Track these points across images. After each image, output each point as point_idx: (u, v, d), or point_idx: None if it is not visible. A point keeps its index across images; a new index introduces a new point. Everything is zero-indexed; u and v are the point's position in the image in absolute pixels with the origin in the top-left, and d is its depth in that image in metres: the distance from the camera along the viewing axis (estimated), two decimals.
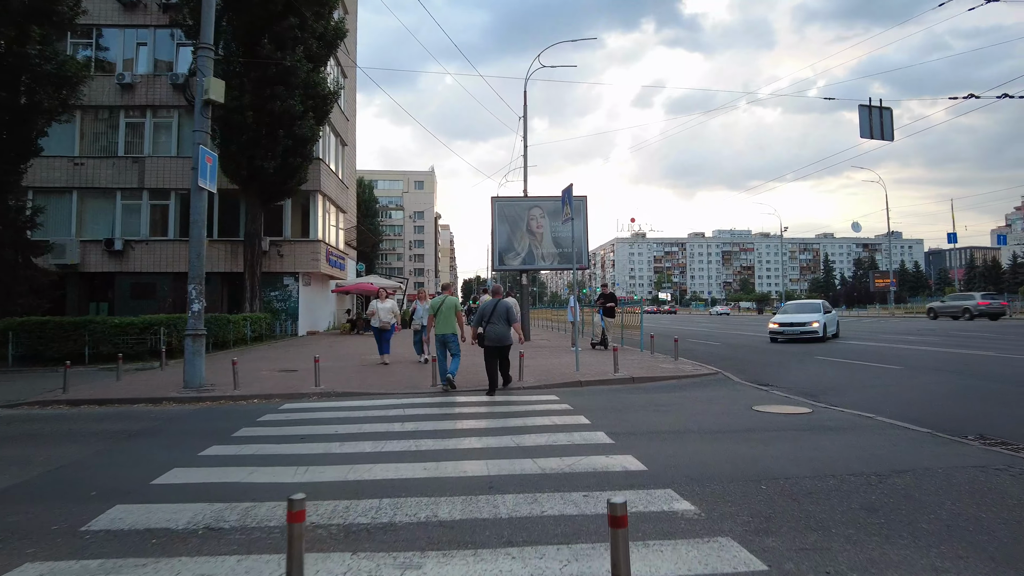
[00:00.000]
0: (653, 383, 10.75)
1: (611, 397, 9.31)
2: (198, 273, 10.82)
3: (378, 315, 13.71)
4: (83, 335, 14.27)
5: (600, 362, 13.36)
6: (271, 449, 6.14)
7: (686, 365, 12.75)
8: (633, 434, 6.55)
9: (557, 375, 11.28)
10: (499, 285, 14.67)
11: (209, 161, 10.92)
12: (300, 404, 9.14)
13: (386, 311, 13.82)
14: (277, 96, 21.53)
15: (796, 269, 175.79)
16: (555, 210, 21.42)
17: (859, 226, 54.04)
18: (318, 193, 26.98)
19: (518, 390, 9.97)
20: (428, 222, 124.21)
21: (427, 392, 9.83)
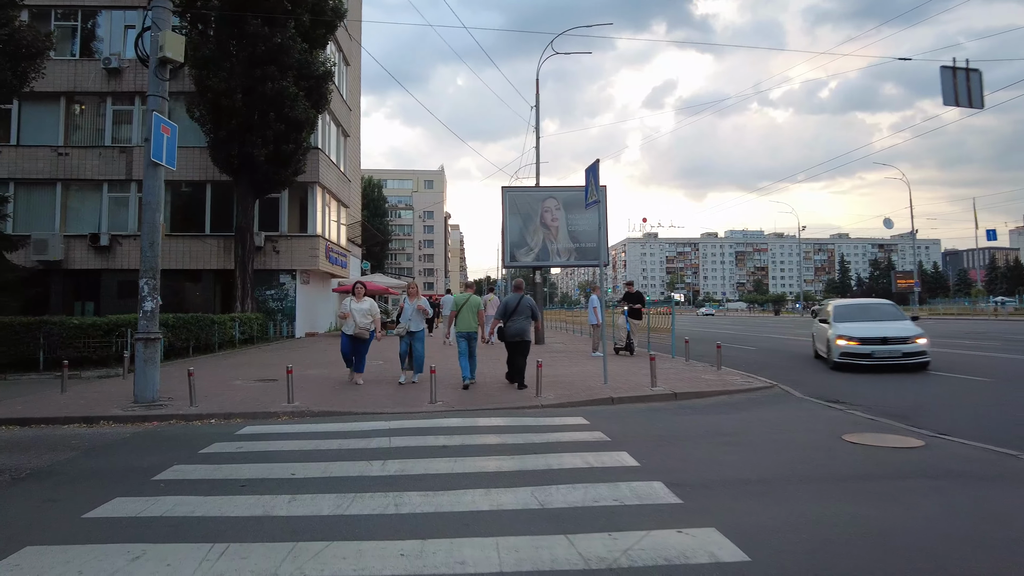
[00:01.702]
0: (701, 400, 8.85)
1: (654, 421, 7.41)
2: (151, 266, 9.04)
3: (352, 318, 10.15)
4: (37, 337, 12.54)
5: (629, 371, 11.46)
6: (190, 507, 4.29)
7: (732, 376, 10.83)
8: (705, 486, 4.66)
9: (582, 389, 9.39)
10: (521, 280, 12.36)
11: (166, 132, 9.14)
12: (262, 427, 7.30)
13: (362, 313, 10.25)
14: (268, 77, 19.81)
15: (811, 270, 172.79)
16: (572, 201, 19.56)
17: (891, 222, 51.51)
18: (316, 185, 25.21)
19: (536, 410, 8.10)
20: (438, 222, 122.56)
21: (423, 412, 7.97)
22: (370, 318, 10.40)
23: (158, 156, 8.95)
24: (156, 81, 9.19)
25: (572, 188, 20.25)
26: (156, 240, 9.08)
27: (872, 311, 13.66)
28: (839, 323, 12.78)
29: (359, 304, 10.39)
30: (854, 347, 11.95)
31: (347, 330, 10.34)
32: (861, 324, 12.49)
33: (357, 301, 10.41)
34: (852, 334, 12.11)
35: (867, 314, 13.29)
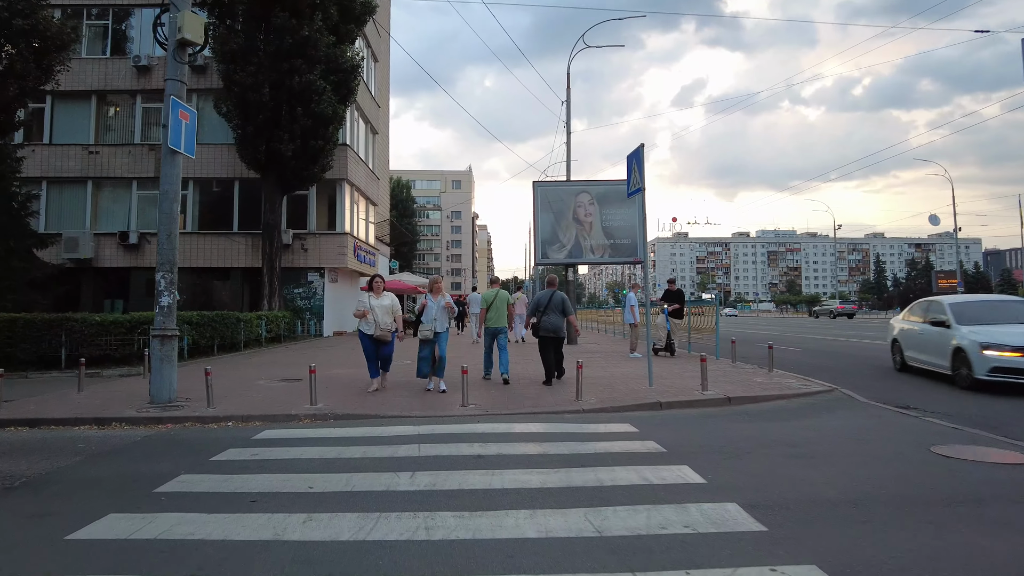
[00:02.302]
0: (756, 405, 8.08)
1: (711, 429, 6.68)
2: (169, 258, 8.57)
3: (373, 316, 8.75)
4: (59, 335, 12.24)
5: (674, 374, 10.71)
6: (190, 527, 3.72)
7: (787, 379, 10.01)
8: (786, 508, 3.94)
9: (624, 392, 8.68)
10: (555, 276, 11.83)
11: (184, 118, 8.65)
12: (282, 431, 6.75)
13: (383, 310, 8.85)
14: (295, 70, 19.46)
15: (844, 270, 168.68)
16: (607, 195, 18.83)
17: (937, 219, 49.37)
18: (345, 182, 24.85)
19: (578, 414, 7.42)
20: (465, 222, 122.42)
21: (454, 416, 7.34)
22: (392, 316, 8.97)
23: (176, 143, 8.48)
24: (175, 64, 8.72)
25: (607, 182, 19.52)
26: (174, 231, 8.61)
27: (1005, 310, 10.16)
28: (968, 326, 9.47)
29: (379, 301, 8.90)
30: (1017, 360, 8.55)
31: (366, 330, 8.82)
32: (1005, 328, 9.16)
33: (376, 297, 8.92)
34: (1008, 342, 8.70)
35: (1001, 314, 9.91)
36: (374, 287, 9.08)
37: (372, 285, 9.13)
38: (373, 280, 9.21)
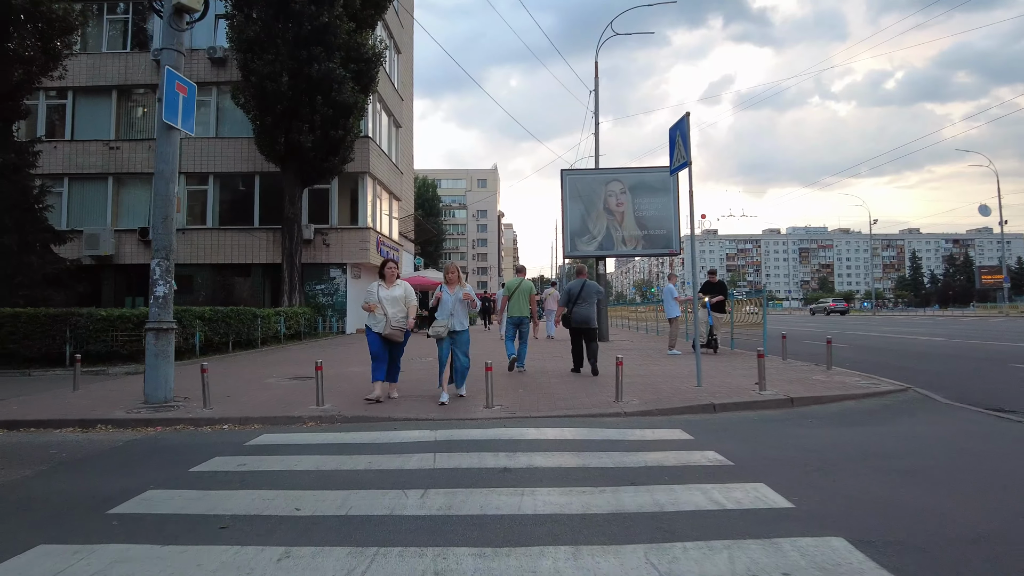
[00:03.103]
0: (822, 407, 7.03)
1: (779, 435, 5.66)
2: (164, 244, 7.83)
3: (383, 309, 7.29)
4: (64, 330, 11.62)
5: (720, 371, 9.67)
6: (128, 567, 2.86)
7: (849, 377, 8.89)
8: (916, 547, 2.95)
9: (670, 392, 7.68)
10: (584, 265, 11.32)
11: (182, 91, 7.91)
12: (281, 436, 5.91)
13: (393, 302, 7.36)
14: (314, 58, 18.78)
15: (879, 267, 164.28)
16: (640, 183, 17.77)
17: (988, 209, 46.47)
18: (367, 175, 24.15)
19: (620, 418, 6.45)
20: (491, 220, 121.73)
21: (477, 419, 6.43)
22: (404, 310, 7.45)
23: (171, 117, 7.74)
24: (170, 32, 7.98)
25: (639, 169, 18.44)
26: (170, 215, 7.88)
27: None
28: None
29: (389, 291, 7.42)
30: None
31: (375, 326, 7.35)
32: None
33: (387, 287, 7.47)
34: None
35: None
36: (385, 275, 7.59)
37: (383, 272, 7.64)
38: (384, 267, 7.66)
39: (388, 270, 7.65)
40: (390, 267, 7.68)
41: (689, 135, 8.15)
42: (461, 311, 7.42)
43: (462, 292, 7.36)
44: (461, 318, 7.44)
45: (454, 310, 7.34)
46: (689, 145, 8.13)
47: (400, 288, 7.59)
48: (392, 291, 7.50)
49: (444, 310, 7.36)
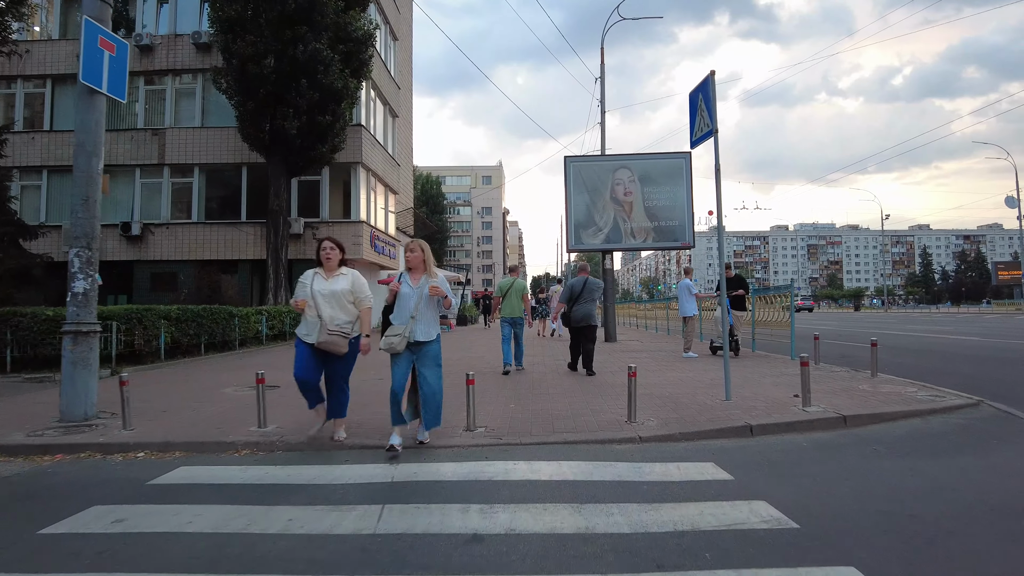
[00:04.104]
0: (882, 426, 5.68)
1: (845, 473, 4.29)
2: (85, 231, 6.57)
3: (316, 309, 5.10)
4: (4, 332, 10.37)
5: (747, 379, 8.30)
6: None
7: (902, 387, 7.51)
8: None
9: (694, 408, 6.34)
10: (586, 263, 11.22)
11: (108, 48, 6.61)
12: (196, 473, 4.59)
13: (333, 300, 5.17)
14: (300, 39, 17.46)
15: (888, 263, 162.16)
16: (650, 171, 16.43)
17: (1015, 201, 44.65)
18: (360, 166, 22.83)
19: (634, 444, 5.11)
20: (496, 218, 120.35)
21: (453, 446, 5.11)
22: (349, 311, 5.20)
23: (92, 79, 6.45)
24: None
25: (649, 155, 17.11)
26: (93, 196, 6.61)
27: None
28: None
29: (329, 283, 5.17)
30: None
31: (305, 335, 5.12)
32: None
33: (326, 277, 5.23)
34: None
35: None
36: (323, 260, 5.27)
37: (320, 256, 5.27)
38: (321, 247, 5.28)
39: (324, 253, 5.25)
40: (327, 249, 5.25)
41: (714, 98, 6.81)
42: (428, 312, 5.01)
43: (429, 285, 4.96)
44: (427, 322, 5.00)
45: (417, 310, 4.94)
46: (714, 110, 6.79)
47: (345, 279, 5.23)
48: (332, 283, 5.16)
49: (403, 310, 4.99)
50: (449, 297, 5.02)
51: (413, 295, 4.99)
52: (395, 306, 5.09)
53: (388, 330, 4.97)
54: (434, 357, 5.02)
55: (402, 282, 5.08)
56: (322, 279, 5.23)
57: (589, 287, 9.43)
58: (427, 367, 4.96)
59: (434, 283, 4.99)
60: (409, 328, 4.90)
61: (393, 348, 4.87)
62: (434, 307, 5.07)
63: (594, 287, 9.55)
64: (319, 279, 5.23)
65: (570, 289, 9.55)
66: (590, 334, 9.38)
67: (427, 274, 5.08)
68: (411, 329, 4.90)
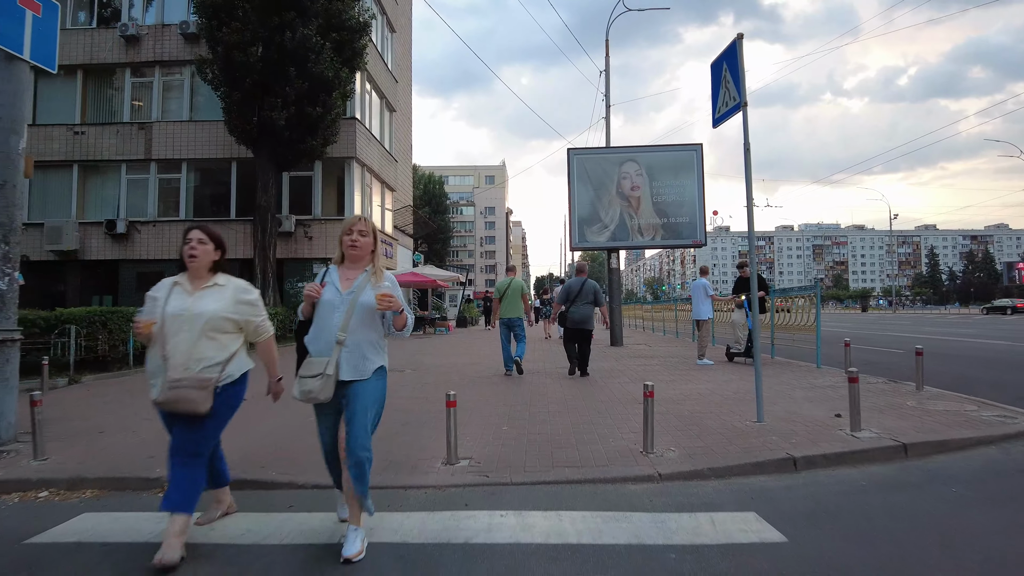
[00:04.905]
0: (950, 457, 4.68)
1: (926, 531, 3.29)
2: (2, 220, 5.58)
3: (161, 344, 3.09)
4: None
5: (777, 393, 7.26)
6: None
7: (957, 403, 6.50)
8: None
9: (721, 433, 5.31)
10: (584, 263, 10.79)
11: (31, 8, 5.63)
12: (97, 522, 3.61)
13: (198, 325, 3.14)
14: (288, 25, 16.51)
15: (894, 263, 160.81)
16: (658, 164, 15.44)
17: None
18: (353, 160, 21.86)
19: (653, 484, 4.10)
20: (499, 218, 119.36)
21: (430, 486, 4.11)
22: (222, 345, 3.23)
23: (10, 42, 5.47)
24: None
25: (658, 148, 16.13)
26: (12, 181, 5.62)
27: None
28: None
29: (195, 300, 3.20)
30: None
31: (153, 385, 3.13)
32: None
33: (191, 290, 3.23)
34: None
35: None
36: (186, 261, 3.25)
37: (185, 254, 3.24)
38: (187, 239, 3.25)
39: (188, 249, 3.23)
40: (191, 243, 3.23)
41: (742, 67, 5.82)
42: (365, 333, 3.21)
43: (375, 291, 3.18)
44: (363, 350, 3.20)
45: (347, 330, 3.14)
46: (742, 81, 5.79)
47: (221, 295, 3.26)
48: (198, 300, 3.20)
49: (324, 329, 3.18)
50: (405, 312, 3.25)
51: (342, 305, 3.14)
52: (312, 323, 3.22)
53: (303, 365, 3.13)
54: (373, 401, 3.18)
55: (327, 283, 3.23)
56: (183, 293, 3.20)
57: (587, 288, 9.26)
58: (355, 415, 3.10)
59: (382, 288, 3.17)
60: (334, 360, 3.07)
61: (313, 397, 3.06)
62: (376, 325, 3.25)
63: (592, 289, 9.34)
64: (179, 293, 3.20)
65: (567, 290, 9.45)
66: (587, 336, 9.27)
67: (370, 273, 3.25)
68: (337, 361, 3.08)
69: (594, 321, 9.51)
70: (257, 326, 3.39)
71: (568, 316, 9.27)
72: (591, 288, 9.33)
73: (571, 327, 9.29)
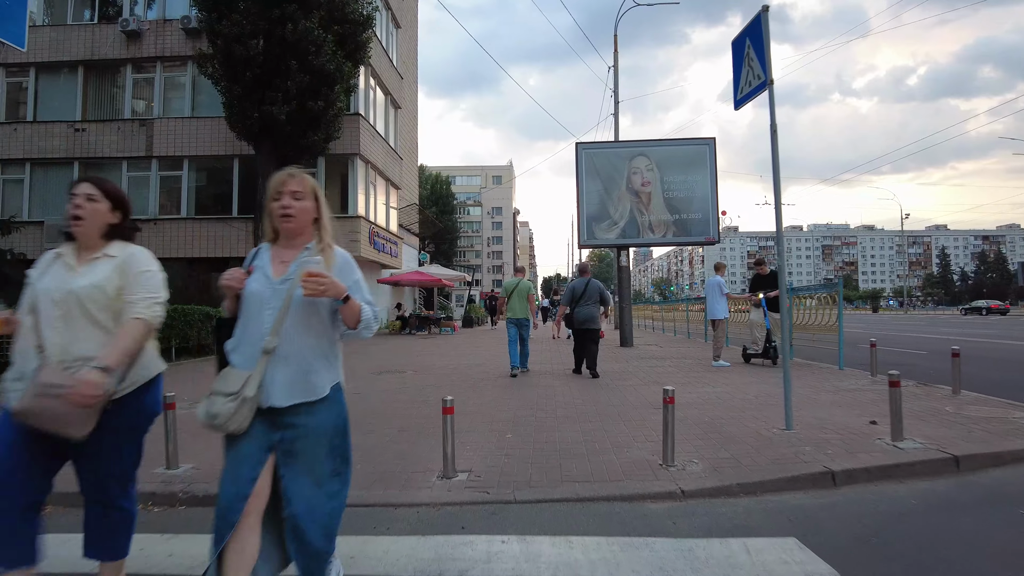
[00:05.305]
0: (1006, 471, 4.19)
1: (1004, 565, 2.83)
2: None
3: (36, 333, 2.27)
4: None
5: (802, 397, 6.74)
6: None
7: (1001, 408, 6.00)
8: None
9: (746, 441, 4.83)
10: (587, 263, 11.13)
11: None
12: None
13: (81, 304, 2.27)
14: (289, 17, 16.10)
15: (904, 264, 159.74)
16: (670, 159, 14.95)
17: None
18: (357, 157, 21.48)
19: (675, 503, 3.61)
20: (506, 218, 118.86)
21: (422, 504, 3.64)
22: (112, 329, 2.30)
23: None
24: None
25: (670, 142, 15.65)
26: None
27: None
28: None
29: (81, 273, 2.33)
30: None
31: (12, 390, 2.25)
32: None
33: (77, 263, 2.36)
34: None
35: None
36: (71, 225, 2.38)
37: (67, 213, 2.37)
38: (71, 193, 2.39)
39: (74, 211, 2.35)
40: (77, 200, 2.36)
41: (767, 44, 5.34)
42: (308, 337, 2.24)
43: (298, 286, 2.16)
44: (305, 365, 2.22)
45: (281, 331, 2.17)
46: (767, 58, 5.31)
47: (108, 266, 2.36)
48: (85, 273, 2.33)
49: (250, 331, 2.21)
50: (356, 301, 2.25)
51: (273, 299, 2.20)
52: (238, 321, 2.27)
53: (219, 377, 2.17)
54: (331, 441, 2.25)
55: (255, 268, 2.31)
56: (62, 267, 2.36)
57: (591, 288, 9.23)
58: (302, 470, 2.18)
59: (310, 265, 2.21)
60: (257, 376, 2.13)
61: (219, 425, 2.11)
62: (323, 327, 2.28)
63: (597, 289, 9.30)
64: (58, 267, 2.36)
65: (571, 291, 9.46)
66: (594, 336, 9.20)
67: (316, 250, 2.34)
68: (262, 377, 2.14)
69: (600, 320, 9.44)
70: (133, 303, 2.32)
71: (574, 317, 9.28)
72: (595, 288, 9.29)
73: (577, 327, 9.26)
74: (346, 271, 2.33)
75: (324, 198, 2.44)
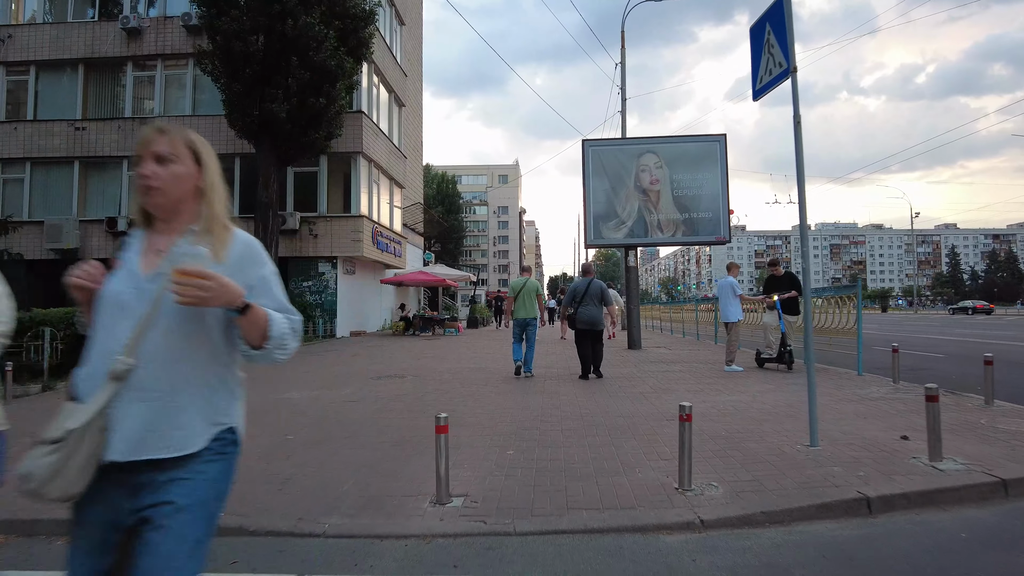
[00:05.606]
0: None
1: None
2: None
3: None
4: None
5: (826, 409, 6.33)
6: None
7: None
8: None
9: (768, 459, 4.43)
10: (589, 263, 10.85)
11: None
12: None
13: None
14: (289, 13, 15.79)
15: (914, 263, 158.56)
16: (679, 156, 14.53)
17: None
18: (360, 156, 21.14)
19: (694, 534, 3.21)
20: (512, 217, 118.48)
21: (413, 535, 3.27)
22: None
23: None
24: None
25: (679, 138, 15.24)
26: None
27: None
28: None
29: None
30: None
31: None
32: None
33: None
34: None
35: None
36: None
37: None
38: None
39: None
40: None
41: (790, 29, 4.94)
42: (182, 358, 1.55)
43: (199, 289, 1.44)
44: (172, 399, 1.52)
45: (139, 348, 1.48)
46: (790, 44, 4.92)
47: None
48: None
49: (97, 352, 1.52)
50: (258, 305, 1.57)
51: (137, 302, 1.54)
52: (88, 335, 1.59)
53: (59, 415, 1.45)
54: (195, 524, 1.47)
55: (121, 261, 1.68)
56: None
57: (593, 289, 9.13)
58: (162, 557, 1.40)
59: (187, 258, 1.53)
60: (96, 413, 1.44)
61: (35, 489, 1.41)
62: (209, 342, 1.60)
63: (598, 289, 9.19)
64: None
65: (572, 291, 9.41)
66: (596, 336, 9.13)
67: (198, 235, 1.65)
68: (106, 418, 1.45)
69: (603, 321, 9.38)
70: None
71: (576, 317, 9.19)
72: (598, 288, 9.20)
73: (580, 328, 9.16)
74: (247, 265, 1.63)
75: (213, 159, 1.75)
